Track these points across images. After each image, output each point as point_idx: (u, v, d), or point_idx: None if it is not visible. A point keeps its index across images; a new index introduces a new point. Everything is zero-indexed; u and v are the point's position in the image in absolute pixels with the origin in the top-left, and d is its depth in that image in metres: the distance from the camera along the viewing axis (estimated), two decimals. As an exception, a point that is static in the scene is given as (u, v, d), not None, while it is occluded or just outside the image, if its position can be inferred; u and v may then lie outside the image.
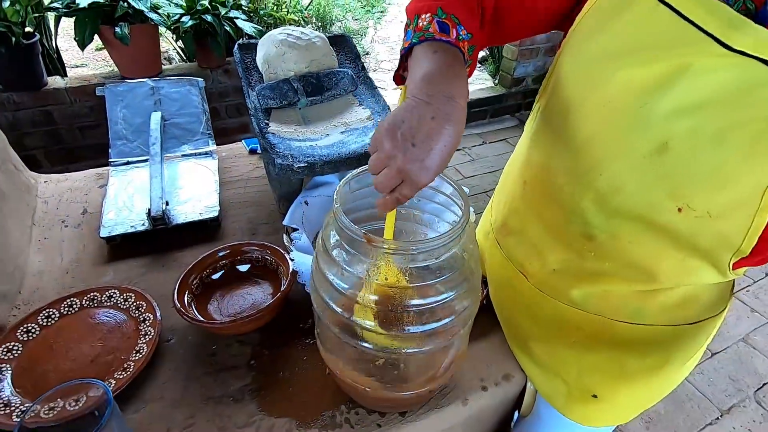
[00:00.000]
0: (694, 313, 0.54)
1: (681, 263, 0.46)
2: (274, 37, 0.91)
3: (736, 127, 0.38)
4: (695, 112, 0.39)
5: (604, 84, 0.44)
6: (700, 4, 0.38)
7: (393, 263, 0.40)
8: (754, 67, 0.36)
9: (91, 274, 0.74)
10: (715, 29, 0.38)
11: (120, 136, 0.99)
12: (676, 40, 0.40)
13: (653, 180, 0.43)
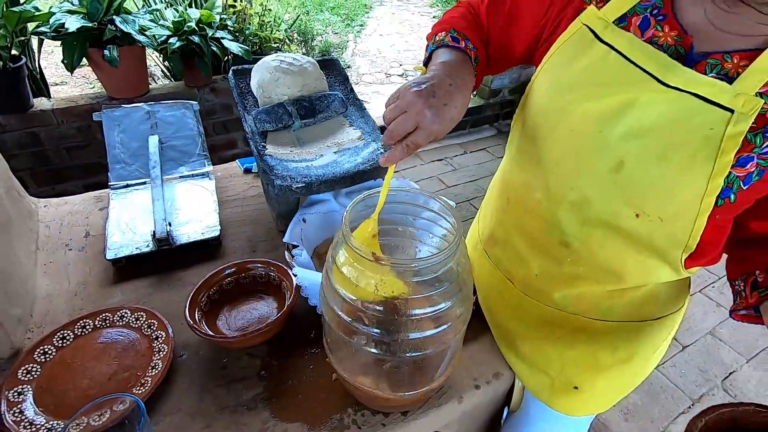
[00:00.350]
0: (656, 310, 0.62)
1: (642, 264, 0.54)
2: (267, 64, 0.97)
3: (676, 147, 0.46)
4: (643, 136, 0.48)
5: (569, 114, 0.53)
6: (641, 50, 0.47)
7: (397, 278, 0.46)
8: (688, 100, 0.45)
9: (99, 296, 0.77)
10: (655, 70, 0.47)
11: (118, 160, 1.02)
12: (624, 78, 0.48)
13: (613, 192, 0.51)
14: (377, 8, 5.77)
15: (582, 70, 0.52)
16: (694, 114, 0.45)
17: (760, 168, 0.45)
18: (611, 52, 0.49)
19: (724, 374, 1.47)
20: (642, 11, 0.50)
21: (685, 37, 0.47)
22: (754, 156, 0.44)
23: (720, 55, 0.45)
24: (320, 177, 0.84)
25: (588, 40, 0.51)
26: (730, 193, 0.46)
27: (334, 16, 4.94)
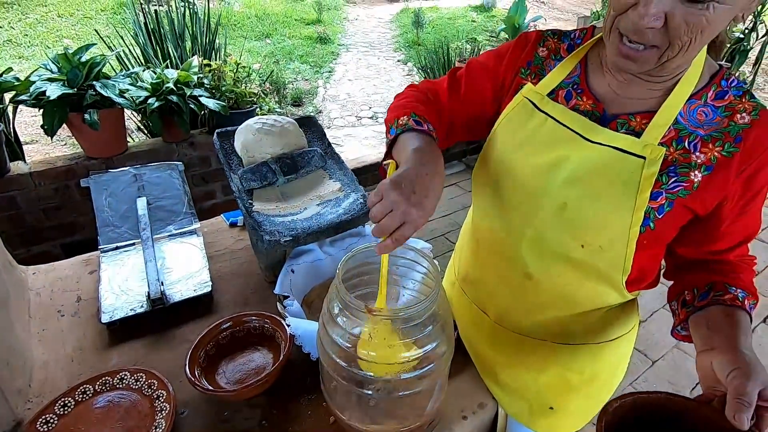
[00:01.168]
0: (612, 332, 0.71)
1: (593, 289, 0.64)
2: (251, 126, 1.05)
3: (605, 189, 0.57)
4: (579, 182, 0.59)
5: (520, 167, 0.64)
6: (570, 117, 0.60)
7: (388, 325, 0.52)
8: (610, 152, 0.57)
9: (96, 360, 0.80)
10: (581, 131, 0.59)
11: (107, 224, 1.06)
12: (560, 138, 0.61)
13: (561, 227, 0.61)
14: (344, 55, 6.06)
15: (527, 133, 0.63)
16: (616, 162, 0.56)
17: (668, 200, 0.56)
18: (548, 119, 0.62)
19: (692, 385, 1.57)
20: (566, 86, 0.63)
21: (598, 104, 0.61)
22: (663, 191, 0.56)
23: (626, 116, 0.58)
24: (306, 229, 0.90)
25: (529, 109, 0.64)
26: (649, 222, 0.57)
27: (304, 64, 5.15)
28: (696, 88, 0.57)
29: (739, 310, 0.57)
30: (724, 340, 0.53)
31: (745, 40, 3.92)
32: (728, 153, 0.55)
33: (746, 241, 0.62)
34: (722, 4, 0.45)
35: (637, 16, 0.48)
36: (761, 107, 0.55)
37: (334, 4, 8.10)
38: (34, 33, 4.84)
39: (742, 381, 0.46)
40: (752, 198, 0.58)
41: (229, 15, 6.30)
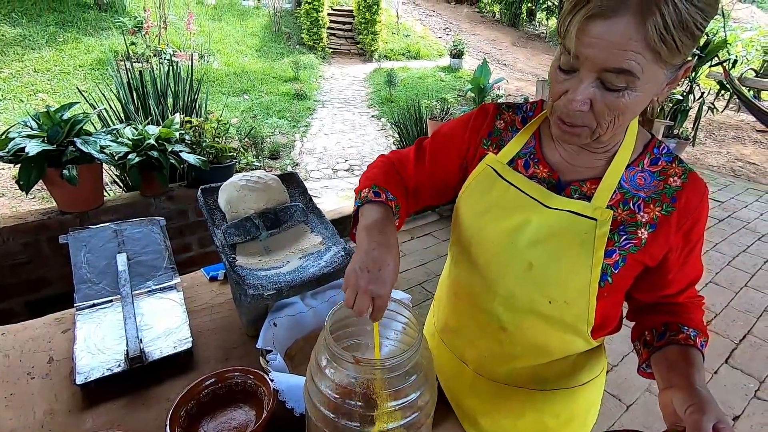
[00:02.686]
0: (582, 377, 0.76)
1: (561, 339, 0.70)
2: (235, 183, 1.10)
3: (564, 249, 0.64)
4: (541, 243, 0.66)
5: (487, 231, 0.71)
6: (529, 185, 0.68)
7: (374, 375, 0.55)
8: (566, 216, 0.65)
9: (69, 425, 0.77)
10: (539, 198, 0.67)
11: (84, 280, 1.05)
12: (521, 204, 0.68)
13: (529, 285, 0.67)
14: (320, 110, 6.32)
15: (492, 199, 0.71)
16: (572, 225, 0.64)
17: (622, 256, 0.64)
18: (510, 186, 0.70)
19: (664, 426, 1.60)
20: (524, 155, 0.72)
21: (553, 172, 0.69)
22: (616, 249, 0.64)
23: (578, 182, 0.67)
24: (289, 283, 0.93)
25: (492, 177, 0.72)
26: (607, 277, 0.64)
27: (281, 119, 5.32)
28: (633, 157, 0.66)
29: (692, 349, 0.64)
30: (681, 378, 0.59)
31: (684, 101, 4.38)
32: (667, 212, 0.64)
33: (692, 284, 0.71)
34: (634, 92, 0.54)
35: (567, 102, 0.57)
36: (689, 171, 0.65)
37: (310, 62, 8.53)
38: (8, 87, 4.84)
39: (699, 416, 0.52)
40: (692, 249, 0.67)
41: (208, 72, 6.52)
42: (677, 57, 0.52)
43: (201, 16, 8.66)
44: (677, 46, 0.50)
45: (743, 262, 2.73)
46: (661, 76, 0.54)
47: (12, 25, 5.97)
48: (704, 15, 0.50)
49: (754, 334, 2.08)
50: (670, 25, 0.48)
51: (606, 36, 0.50)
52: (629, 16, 0.49)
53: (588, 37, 0.51)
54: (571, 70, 0.56)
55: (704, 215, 0.65)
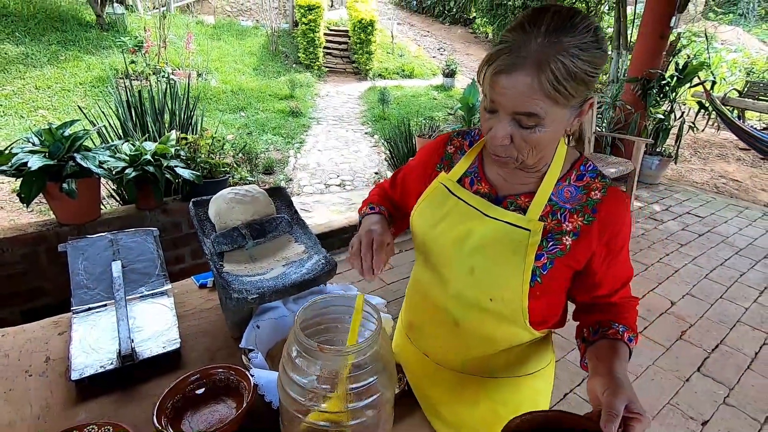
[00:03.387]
0: (530, 366, 0.85)
1: (505, 329, 0.79)
2: (224, 196, 1.18)
3: (501, 255, 0.74)
4: (481, 250, 0.75)
5: (438, 239, 0.81)
6: (474, 199, 0.78)
7: (338, 362, 0.63)
8: (503, 226, 0.74)
9: (63, 417, 0.83)
10: (480, 208, 0.77)
11: (81, 286, 1.12)
12: (467, 216, 0.78)
13: (473, 286, 0.77)
14: (315, 127, 6.46)
15: (444, 212, 0.82)
16: (508, 234, 0.74)
17: (549, 260, 0.73)
18: (459, 201, 0.80)
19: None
20: (469, 174, 0.83)
21: (492, 189, 0.79)
22: (544, 253, 0.73)
23: (513, 197, 0.77)
24: (272, 288, 1.00)
25: (445, 193, 0.83)
26: (537, 278, 0.73)
27: (276, 135, 5.45)
28: (562, 173, 0.76)
29: (619, 342, 0.72)
30: (604, 367, 0.67)
31: (666, 120, 4.54)
32: (588, 222, 0.73)
33: (624, 285, 0.79)
34: (544, 128, 0.64)
35: (491, 138, 0.68)
36: (609, 185, 0.74)
37: (306, 81, 8.73)
38: (8, 104, 4.95)
39: (612, 398, 0.59)
40: (616, 255, 0.75)
41: (206, 90, 6.67)
42: (573, 100, 0.63)
43: (200, 35, 8.89)
44: (570, 93, 0.61)
45: (720, 275, 2.83)
46: (565, 115, 0.65)
47: (15, 44, 6.12)
48: (593, 66, 0.62)
49: (727, 344, 2.16)
50: (560, 78, 0.59)
51: (510, 87, 0.61)
52: (526, 72, 0.59)
53: (498, 88, 0.63)
54: (493, 111, 0.67)
55: (625, 225, 0.74)
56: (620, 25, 5.01)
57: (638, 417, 0.58)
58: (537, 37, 0.60)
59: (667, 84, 4.29)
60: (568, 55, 0.59)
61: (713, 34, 11.66)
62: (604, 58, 0.63)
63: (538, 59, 0.59)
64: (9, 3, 6.79)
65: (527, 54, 0.59)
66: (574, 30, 0.60)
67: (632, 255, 3.08)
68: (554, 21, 0.60)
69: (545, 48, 0.59)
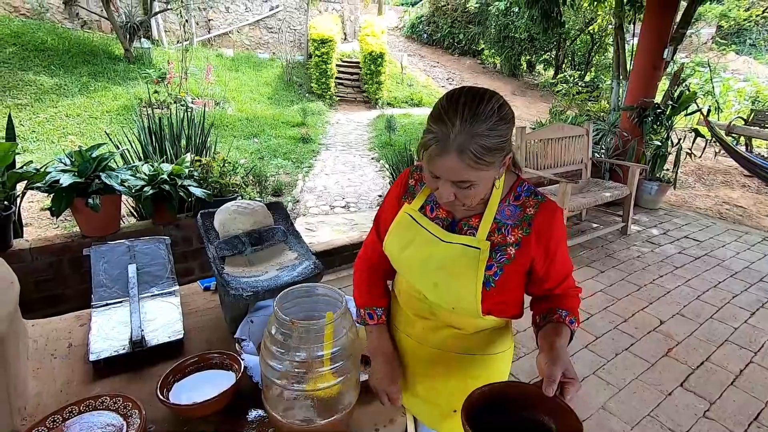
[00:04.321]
0: (495, 347, 1.02)
1: (471, 321, 0.96)
2: (227, 208, 1.35)
3: (458, 272, 0.89)
4: (442, 269, 0.91)
5: (409, 260, 0.97)
6: (432, 226, 0.94)
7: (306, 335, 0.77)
8: (458, 248, 0.90)
9: (82, 391, 0.97)
10: (439, 235, 0.92)
11: (101, 285, 1.28)
12: (428, 241, 0.94)
13: (438, 298, 0.94)
14: (323, 152, 6.72)
15: (409, 238, 0.97)
16: (462, 253, 0.90)
17: (499, 268, 0.89)
18: (420, 228, 0.96)
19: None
20: (429, 203, 0.99)
21: (448, 213, 0.95)
22: (494, 263, 0.89)
23: (467, 219, 0.93)
24: (265, 287, 1.15)
25: (409, 221, 0.98)
26: (491, 284, 0.89)
27: (286, 160, 5.70)
28: (502, 195, 0.92)
29: (562, 325, 0.87)
30: (547, 344, 0.82)
31: (663, 146, 4.65)
32: (526, 233, 0.89)
33: (565, 279, 0.94)
34: (478, 185, 0.80)
35: (439, 196, 0.84)
36: (540, 201, 0.90)
37: (318, 109, 9.10)
38: (41, 130, 5.33)
39: (551, 366, 0.74)
40: (553, 256, 0.91)
41: (222, 117, 7.04)
42: (494, 164, 0.79)
43: (219, 67, 9.41)
44: (489, 162, 0.77)
45: (712, 297, 2.87)
46: (491, 172, 0.81)
47: (50, 76, 6.60)
48: (502, 137, 0.77)
49: (712, 361, 2.20)
50: (478, 156, 0.75)
51: (443, 166, 0.78)
52: (451, 158, 0.76)
53: (434, 165, 0.79)
54: (436, 177, 0.82)
55: (556, 230, 0.90)
56: (619, 56, 5.22)
57: (571, 381, 0.73)
58: (454, 129, 0.75)
59: (663, 112, 4.42)
60: (480, 138, 0.74)
61: (722, 63, 11.88)
62: (510, 126, 0.79)
63: (459, 147, 0.75)
64: (47, 39, 7.36)
65: (449, 145, 0.75)
66: (482, 117, 0.75)
67: (626, 276, 3.15)
68: (466, 111, 0.75)
69: (462, 138, 0.74)
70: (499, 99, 0.79)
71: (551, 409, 0.72)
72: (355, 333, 0.85)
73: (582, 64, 11.90)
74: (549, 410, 0.72)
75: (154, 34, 9.62)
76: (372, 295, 1.08)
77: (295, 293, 0.87)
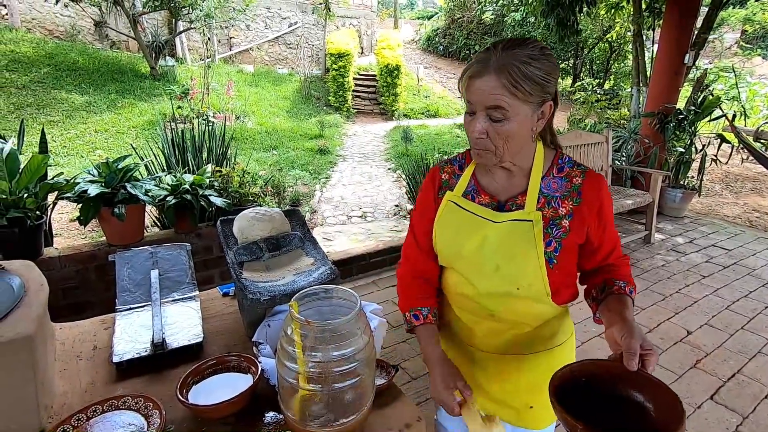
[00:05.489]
0: (556, 340, 1.01)
1: (533, 309, 0.96)
2: (246, 215, 1.38)
3: (515, 248, 0.89)
4: (500, 250, 0.90)
5: (462, 247, 0.95)
6: (480, 210, 0.94)
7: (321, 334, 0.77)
8: (510, 224, 0.90)
9: (105, 391, 1.00)
10: (487, 216, 0.92)
11: (125, 289, 1.32)
12: (478, 225, 0.93)
13: (500, 281, 0.92)
14: (341, 164, 6.80)
15: (457, 224, 0.96)
16: (515, 229, 0.89)
17: (558, 243, 0.89)
18: (467, 213, 0.95)
19: None
20: (468, 192, 0.97)
21: (492, 197, 0.95)
22: (552, 239, 0.89)
23: (512, 199, 0.93)
24: (282, 292, 1.17)
25: (455, 208, 0.97)
26: (553, 261, 0.89)
27: (304, 171, 5.79)
28: (544, 170, 0.92)
29: (623, 296, 0.87)
30: (616, 316, 0.81)
31: (686, 153, 4.53)
32: (577, 203, 0.90)
33: (615, 248, 0.95)
34: (510, 122, 0.81)
35: (471, 132, 0.86)
36: (585, 169, 0.92)
37: (335, 121, 9.24)
38: (72, 145, 5.57)
39: (629, 339, 0.72)
40: (605, 224, 0.92)
41: (242, 130, 7.21)
42: (530, 97, 0.80)
43: (240, 82, 9.68)
44: (527, 90, 0.79)
45: (742, 307, 2.75)
46: (527, 110, 0.82)
47: (80, 94, 6.92)
48: (543, 71, 0.81)
49: (744, 374, 2.10)
50: (517, 78, 0.78)
51: (480, 87, 0.81)
52: (491, 75, 0.79)
53: (472, 89, 0.82)
54: (472, 113, 0.85)
55: (606, 197, 0.91)
56: (638, 63, 5.15)
57: (650, 352, 0.72)
58: (496, 53, 0.80)
59: (685, 118, 4.32)
60: (520, 62, 0.78)
61: (747, 68, 11.56)
62: (552, 69, 0.83)
63: (498, 65, 0.79)
64: (78, 59, 7.73)
65: (490, 65, 0.79)
66: (525, 45, 0.81)
67: (650, 286, 3.06)
68: (509, 42, 0.82)
69: (503, 58, 0.79)
70: (543, 44, 0.83)
71: (639, 384, 0.70)
72: (370, 335, 0.85)
73: (600, 72, 11.76)
74: (636, 385, 0.71)
75: (178, 52, 9.99)
76: (415, 297, 1.05)
77: (311, 295, 0.88)
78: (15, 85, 6.52)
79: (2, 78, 6.57)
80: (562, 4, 4.52)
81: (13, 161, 1.83)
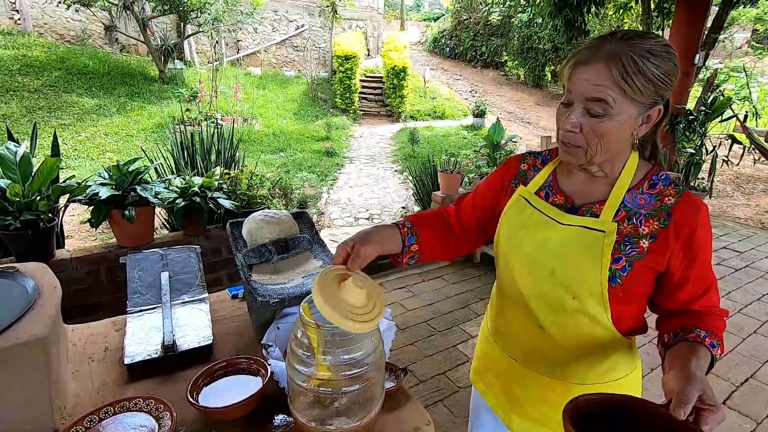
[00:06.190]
0: (615, 374, 0.89)
1: (589, 331, 0.84)
2: (255, 217, 1.38)
3: (578, 256, 0.82)
4: (560, 253, 0.84)
5: (520, 246, 0.90)
6: (549, 209, 0.88)
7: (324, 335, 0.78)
8: (577, 230, 0.83)
9: (117, 393, 1.01)
10: (554, 217, 0.87)
11: (135, 291, 1.34)
12: (543, 224, 0.88)
13: (555, 286, 0.84)
14: (348, 165, 6.82)
15: (523, 220, 0.91)
16: (583, 236, 0.81)
17: (628, 262, 0.78)
18: (535, 210, 0.89)
19: None
20: (544, 188, 0.92)
21: (568, 199, 0.88)
22: (622, 256, 0.78)
23: (589, 205, 0.85)
24: (291, 294, 1.17)
25: (523, 204, 0.92)
26: (617, 279, 0.78)
27: (311, 173, 5.81)
28: (634, 182, 0.83)
29: (699, 345, 0.72)
30: (679, 362, 0.68)
31: (696, 154, 4.48)
32: (664, 225, 0.78)
33: (706, 293, 0.80)
34: (611, 120, 0.74)
35: (564, 124, 0.78)
36: (682, 191, 0.80)
37: (342, 123, 9.26)
38: (82, 148, 5.65)
39: (684, 385, 0.60)
40: (694, 256, 0.78)
41: (250, 133, 7.26)
42: (640, 96, 0.72)
43: (247, 85, 9.74)
44: (638, 87, 0.71)
45: (755, 310, 2.71)
46: (632, 111, 0.74)
47: (91, 97, 7.02)
48: (661, 71, 0.72)
49: (757, 378, 2.07)
50: (630, 71, 0.70)
51: (586, 76, 0.73)
52: (600, 63, 0.72)
53: (575, 78, 0.75)
54: (568, 104, 0.78)
55: (701, 227, 0.77)
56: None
57: (711, 408, 0.58)
58: (612, 41, 0.72)
59: (695, 119, 4.28)
60: (637, 55, 0.70)
61: (759, 68, 11.41)
62: (673, 70, 0.74)
63: (611, 53, 0.71)
64: (89, 63, 7.84)
65: (602, 52, 0.72)
66: (646, 38, 0.72)
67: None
68: (628, 32, 0.73)
69: (619, 46, 0.71)
70: (668, 43, 0.74)
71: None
72: (379, 339, 0.85)
73: (608, 73, 11.64)
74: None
75: (186, 56, 10.09)
76: (424, 220, 1.00)
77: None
78: (27, 89, 6.63)
79: (15, 82, 6.69)
80: (570, 5, 4.50)
81: (26, 165, 1.86)
